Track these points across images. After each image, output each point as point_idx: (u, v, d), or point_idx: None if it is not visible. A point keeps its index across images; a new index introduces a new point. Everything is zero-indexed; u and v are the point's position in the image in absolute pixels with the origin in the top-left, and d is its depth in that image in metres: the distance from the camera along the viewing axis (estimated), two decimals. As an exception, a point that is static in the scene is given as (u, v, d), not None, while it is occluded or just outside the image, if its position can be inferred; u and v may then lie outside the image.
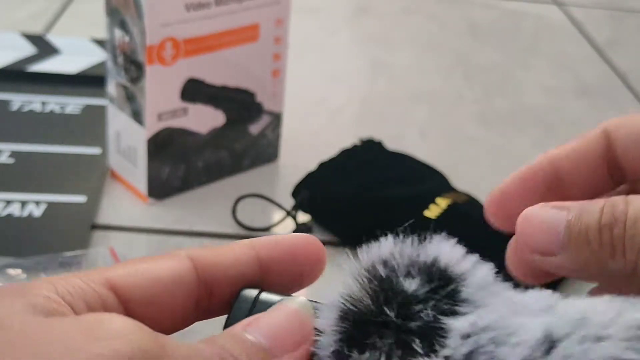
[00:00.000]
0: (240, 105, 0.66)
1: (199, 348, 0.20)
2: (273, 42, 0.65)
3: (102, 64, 0.81)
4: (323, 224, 0.62)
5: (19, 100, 0.76)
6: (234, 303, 0.23)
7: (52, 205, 0.61)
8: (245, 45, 0.63)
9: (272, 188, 0.67)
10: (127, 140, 0.62)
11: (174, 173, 0.64)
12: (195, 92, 0.62)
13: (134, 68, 0.59)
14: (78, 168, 0.66)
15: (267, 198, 0.63)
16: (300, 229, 0.61)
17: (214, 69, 0.62)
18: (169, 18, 0.57)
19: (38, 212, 0.60)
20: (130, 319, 0.19)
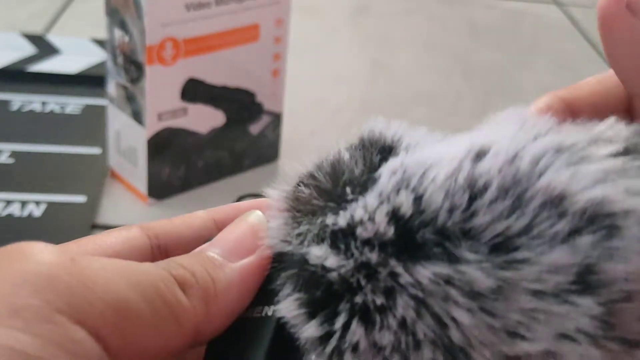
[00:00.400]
0: (240, 105, 0.66)
1: (135, 262, 0.19)
2: (273, 42, 0.65)
3: (102, 64, 0.81)
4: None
5: (19, 100, 0.76)
6: None
7: (52, 205, 0.61)
8: (246, 45, 0.63)
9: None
10: (127, 140, 0.62)
11: (174, 173, 0.64)
12: (195, 92, 0.62)
13: (134, 68, 0.59)
14: (78, 168, 0.66)
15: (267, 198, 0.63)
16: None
17: (214, 69, 0.62)
18: (169, 18, 0.57)
19: (38, 212, 0.60)
20: (46, 244, 0.18)
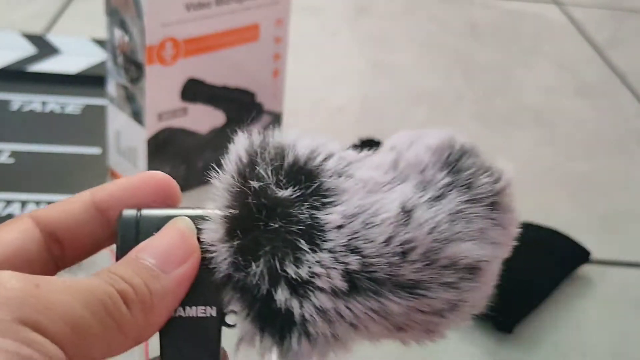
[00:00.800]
0: (240, 105, 0.66)
1: (81, 279, 0.22)
2: (273, 42, 0.65)
3: (102, 64, 0.81)
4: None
5: (19, 100, 0.76)
6: (118, 229, 0.25)
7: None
8: (246, 45, 0.63)
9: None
10: (127, 140, 0.62)
11: (174, 173, 0.63)
12: (195, 92, 0.62)
13: (134, 68, 0.59)
14: (78, 168, 0.66)
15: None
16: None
17: (214, 69, 0.62)
18: (169, 18, 0.57)
19: (38, 212, 0.60)
20: (14, 272, 0.21)
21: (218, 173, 0.26)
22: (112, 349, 0.22)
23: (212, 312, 0.24)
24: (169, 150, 0.62)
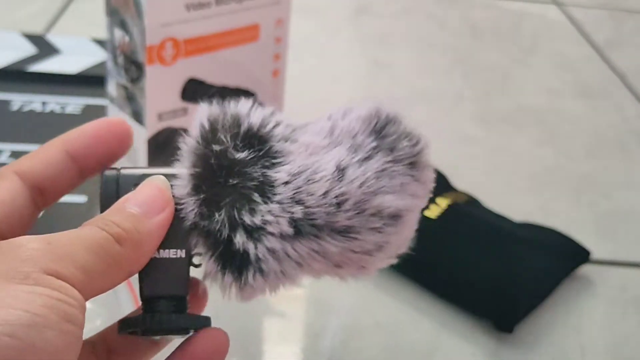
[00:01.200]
0: (240, 105, 0.66)
1: (80, 230, 0.27)
2: (273, 42, 0.65)
3: (102, 64, 0.81)
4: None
5: (19, 100, 0.76)
6: (101, 185, 0.30)
7: (52, 205, 0.61)
8: (246, 45, 0.63)
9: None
10: (127, 140, 0.62)
11: (174, 173, 0.64)
12: (196, 92, 0.62)
13: (134, 68, 0.59)
14: (78, 168, 0.66)
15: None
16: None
17: (214, 69, 0.62)
18: (169, 18, 0.57)
19: (38, 212, 0.60)
20: (29, 236, 0.25)
21: (184, 138, 0.32)
22: (112, 282, 0.26)
23: (181, 254, 0.29)
24: (169, 150, 0.62)
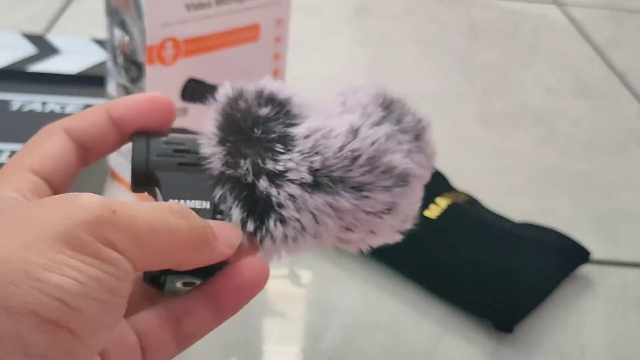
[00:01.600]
0: (241, 105, 0.66)
1: (149, 205, 0.27)
2: (273, 42, 0.65)
3: (102, 64, 0.81)
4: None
5: (19, 100, 0.76)
6: (133, 149, 0.32)
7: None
8: (246, 45, 0.63)
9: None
10: (127, 140, 0.62)
11: (174, 173, 0.64)
12: (196, 92, 0.62)
13: (134, 68, 0.59)
14: (78, 168, 0.66)
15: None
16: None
17: (214, 69, 0.62)
18: (169, 18, 0.57)
19: (38, 212, 0.60)
20: (94, 197, 0.25)
21: (212, 102, 0.34)
22: (164, 262, 0.27)
23: (206, 205, 0.32)
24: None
